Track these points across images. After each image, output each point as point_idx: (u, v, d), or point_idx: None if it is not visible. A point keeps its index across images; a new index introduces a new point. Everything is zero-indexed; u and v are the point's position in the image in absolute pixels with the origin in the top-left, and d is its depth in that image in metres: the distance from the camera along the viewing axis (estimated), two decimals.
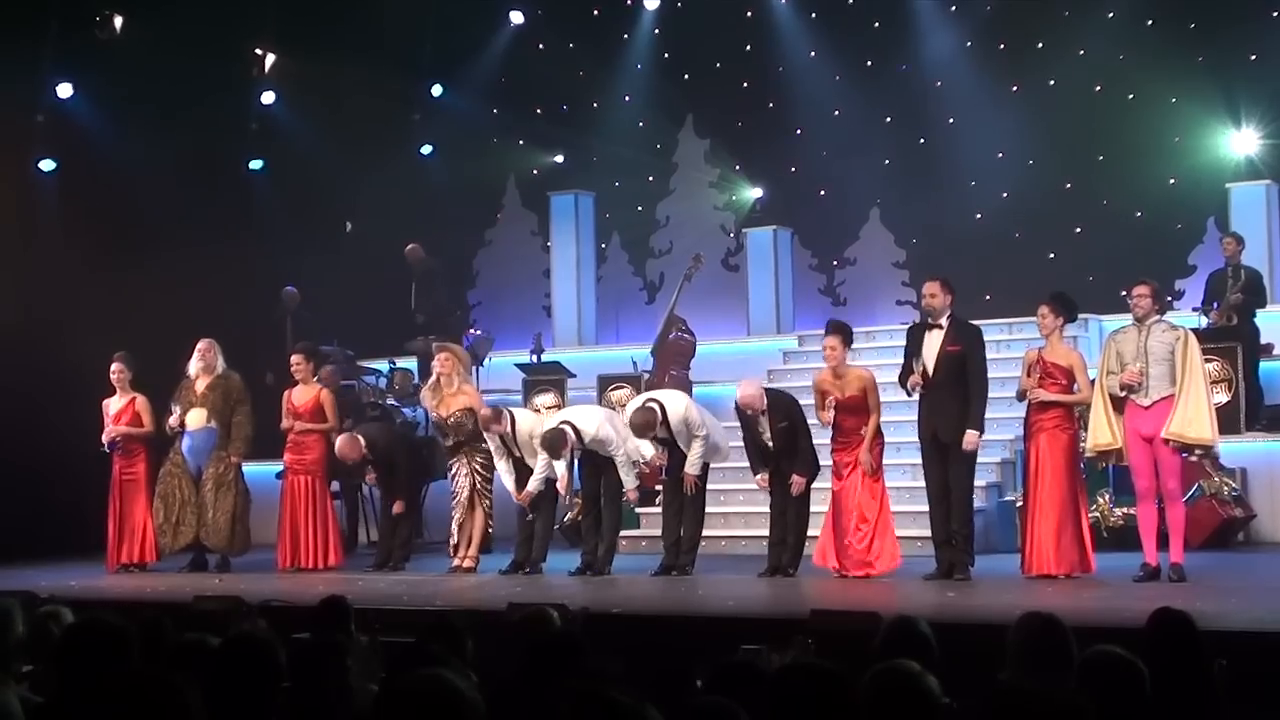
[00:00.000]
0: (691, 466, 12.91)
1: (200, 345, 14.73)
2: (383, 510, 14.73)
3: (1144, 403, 11.34)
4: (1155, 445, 11.30)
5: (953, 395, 11.94)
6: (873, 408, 12.26)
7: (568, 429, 13.03)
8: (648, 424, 12.77)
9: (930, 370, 11.99)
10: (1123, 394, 11.39)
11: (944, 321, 12.10)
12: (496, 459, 13.56)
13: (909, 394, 12.18)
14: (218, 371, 14.68)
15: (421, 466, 14.89)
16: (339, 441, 14.14)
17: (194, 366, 14.68)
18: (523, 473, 13.45)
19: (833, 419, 12.27)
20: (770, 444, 12.61)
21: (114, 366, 14.85)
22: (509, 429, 13.38)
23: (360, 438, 14.15)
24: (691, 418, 12.94)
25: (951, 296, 12.20)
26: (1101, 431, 11.53)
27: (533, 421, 13.57)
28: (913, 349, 12.18)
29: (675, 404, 13.02)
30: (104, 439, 14.83)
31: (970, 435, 11.85)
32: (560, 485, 13.40)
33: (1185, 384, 11.24)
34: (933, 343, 12.07)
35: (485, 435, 13.52)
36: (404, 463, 14.42)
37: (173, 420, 14.60)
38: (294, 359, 14.77)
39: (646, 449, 13.18)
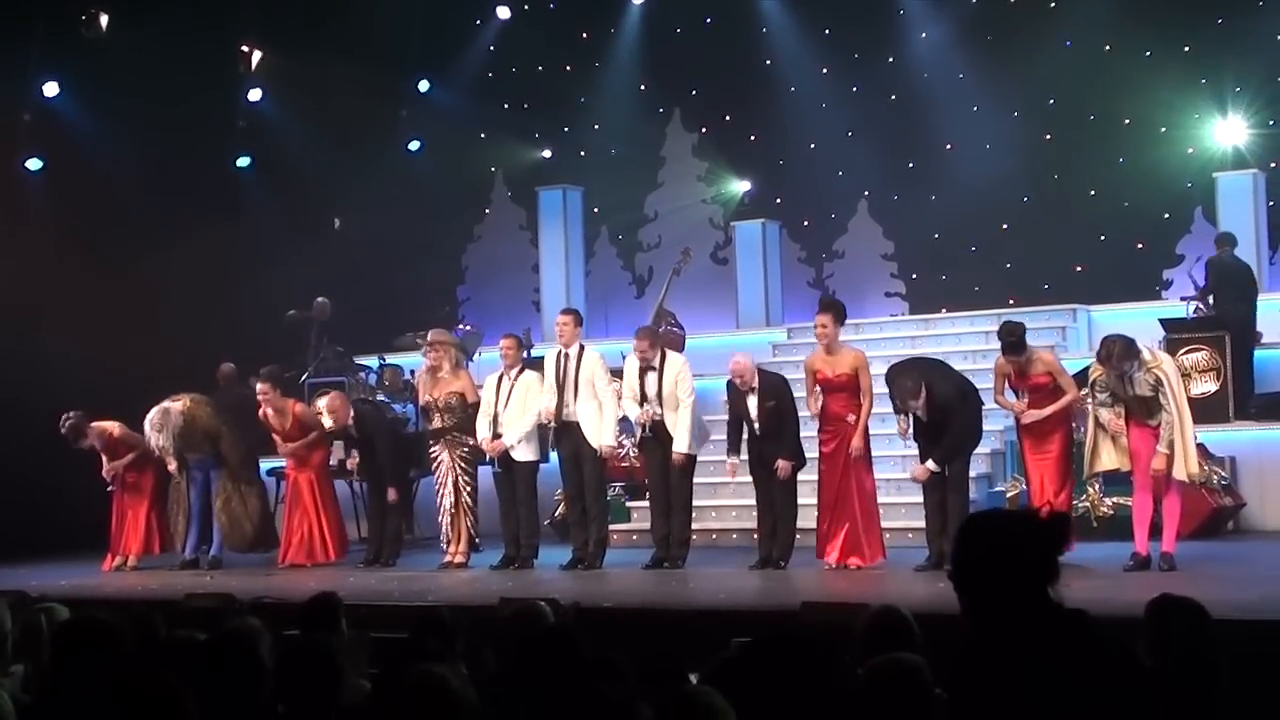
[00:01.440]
0: (680, 444, 12.91)
1: (153, 416, 14.52)
2: (371, 506, 14.73)
3: (1151, 422, 11.41)
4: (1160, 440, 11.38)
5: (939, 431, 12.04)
6: (864, 391, 12.29)
7: None
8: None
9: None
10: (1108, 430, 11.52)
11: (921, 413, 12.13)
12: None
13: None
14: (177, 429, 14.56)
15: (407, 457, 14.89)
16: (330, 396, 14.35)
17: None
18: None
19: (820, 406, 12.30)
20: (756, 423, 12.62)
21: (72, 439, 14.80)
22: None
23: (351, 407, 14.30)
24: (687, 376, 13.04)
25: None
26: (1106, 458, 11.67)
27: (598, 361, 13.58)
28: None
29: (676, 355, 13.28)
30: (105, 476, 14.86)
31: (923, 468, 12.01)
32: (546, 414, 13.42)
33: (1175, 422, 11.27)
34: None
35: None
36: (386, 449, 14.41)
37: (172, 468, 14.62)
38: (260, 388, 14.68)
39: (631, 409, 13.19)
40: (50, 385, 16.20)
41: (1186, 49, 17.60)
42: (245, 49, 19.16)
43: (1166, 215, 17.90)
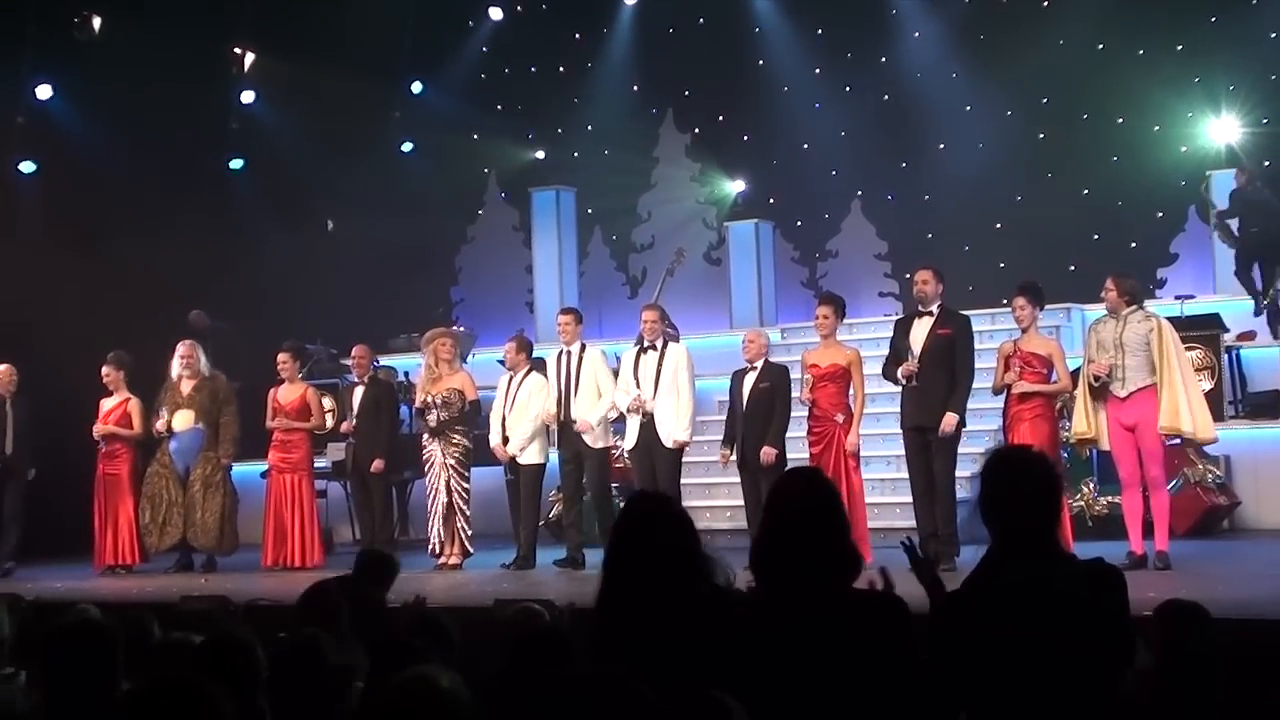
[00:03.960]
0: (677, 431, 12.88)
1: (181, 348, 14.74)
2: (361, 508, 14.69)
3: (1121, 394, 11.38)
4: (1138, 434, 11.33)
5: (937, 382, 11.94)
6: (857, 388, 12.31)
7: None
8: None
9: (918, 356, 11.99)
10: (1095, 384, 11.43)
11: (934, 309, 12.11)
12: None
13: (897, 384, 12.19)
14: (203, 373, 14.70)
15: (397, 460, 14.94)
16: (357, 348, 14.64)
17: (176, 369, 14.70)
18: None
19: (810, 396, 12.29)
20: (744, 402, 12.60)
21: (104, 369, 14.88)
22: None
23: (374, 361, 14.79)
24: (690, 364, 13.05)
25: (943, 286, 12.21)
26: (1079, 420, 11.61)
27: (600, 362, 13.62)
28: (900, 339, 12.18)
29: (679, 345, 13.34)
30: (95, 434, 14.87)
31: (949, 418, 11.83)
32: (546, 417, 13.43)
33: (1163, 375, 11.25)
34: (921, 330, 12.08)
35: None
36: (388, 416, 14.51)
37: (159, 425, 14.60)
38: (280, 357, 14.79)
39: (621, 398, 13.17)
40: (43, 388, 16.17)
41: (1180, 47, 17.61)
42: (238, 51, 19.14)
43: (1160, 214, 17.91)
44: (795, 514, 4.64)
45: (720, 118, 20.61)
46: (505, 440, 13.58)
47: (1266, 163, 16.99)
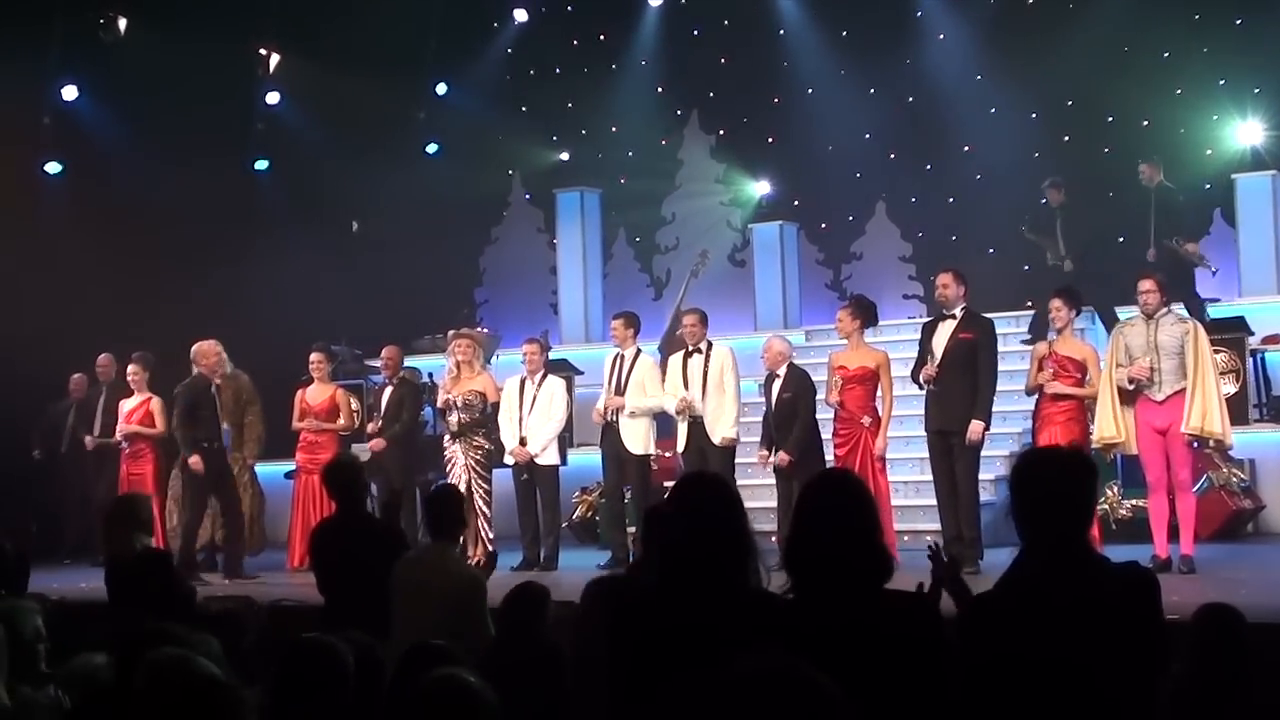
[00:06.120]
0: (724, 429, 12.93)
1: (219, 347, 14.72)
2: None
3: (1157, 397, 11.33)
4: (1168, 437, 11.29)
5: (960, 386, 11.91)
6: (885, 390, 12.32)
7: None
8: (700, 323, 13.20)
9: (939, 359, 11.97)
10: (1130, 387, 11.38)
11: (957, 312, 12.09)
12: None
13: (921, 387, 12.19)
14: (225, 372, 14.70)
15: (420, 460, 14.95)
16: (388, 348, 14.70)
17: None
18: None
19: (838, 398, 12.30)
20: (772, 409, 12.72)
21: (130, 368, 14.92)
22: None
23: (403, 361, 14.82)
24: (734, 364, 13.14)
25: (965, 288, 12.19)
26: (1107, 424, 11.56)
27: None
28: (925, 342, 12.18)
29: (724, 345, 13.44)
30: (117, 435, 14.88)
31: (975, 425, 11.81)
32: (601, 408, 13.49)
33: (1196, 378, 11.23)
34: (944, 333, 12.06)
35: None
36: (408, 417, 14.53)
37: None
38: (314, 358, 14.82)
39: (668, 401, 13.22)
40: (66, 389, 16.23)
41: (1205, 50, 17.55)
42: (263, 52, 19.19)
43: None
44: (824, 516, 4.61)
45: (745, 119, 20.59)
46: (523, 441, 13.56)
47: None
